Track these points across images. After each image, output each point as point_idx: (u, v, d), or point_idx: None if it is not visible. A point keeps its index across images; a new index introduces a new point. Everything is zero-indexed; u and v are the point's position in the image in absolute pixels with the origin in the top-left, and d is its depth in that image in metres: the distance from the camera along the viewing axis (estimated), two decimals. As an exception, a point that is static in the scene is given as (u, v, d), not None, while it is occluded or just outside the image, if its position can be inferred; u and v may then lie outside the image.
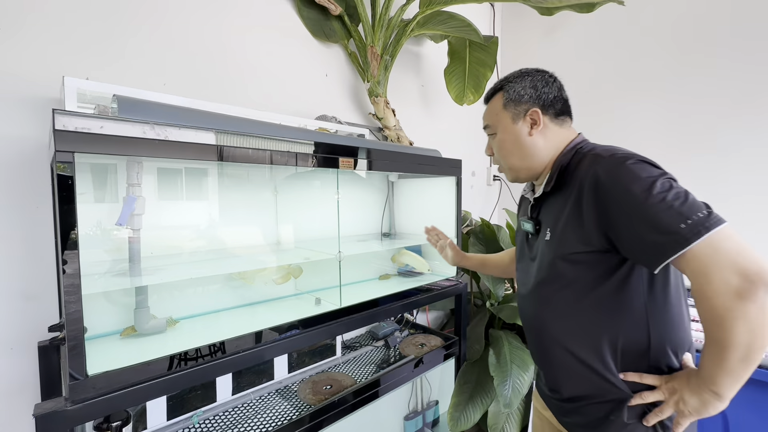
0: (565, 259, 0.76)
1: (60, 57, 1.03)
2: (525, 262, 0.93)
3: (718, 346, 0.62)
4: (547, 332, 0.84)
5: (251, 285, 1.22)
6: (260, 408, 1.16)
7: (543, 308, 0.84)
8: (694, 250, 0.61)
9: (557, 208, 0.80)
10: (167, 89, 1.20)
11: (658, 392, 0.72)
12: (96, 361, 0.77)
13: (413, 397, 1.67)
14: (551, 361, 0.85)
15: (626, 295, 0.73)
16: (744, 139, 1.75)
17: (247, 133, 0.92)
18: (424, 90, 2.15)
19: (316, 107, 1.62)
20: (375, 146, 1.22)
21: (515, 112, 0.87)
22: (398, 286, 1.49)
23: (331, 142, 1.09)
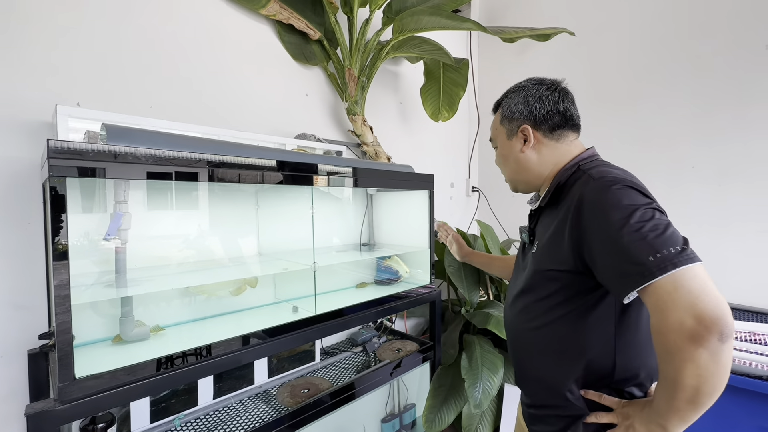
0: (542, 274, 0.78)
1: (52, 82, 1.12)
2: (517, 271, 0.96)
3: (668, 383, 0.61)
4: (521, 341, 0.88)
5: (213, 297, 1.29)
6: (240, 411, 1.23)
7: (519, 317, 0.87)
8: (656, 284, 0.59)
9: (548, 223, 0.81)
10: (153, 112, 1.29)
11: (613, 415, 0.73)
12: (83, 365, 0.84)
13: (390, 400, 1.74)
14: (522, 368, 0.90)
15: (596, 318, 0.74)
16: (695, 151, 1.89)
17: (228, 156, 1.00)
18: (403, 107, 2.27)
19: (297, 125, 1.72)
20: (348, 164, 1.31)
21: (509, 128, 0.90)
22: (373, 293, 1.58)
23: (306, 162, 1.18)
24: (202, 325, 1.24)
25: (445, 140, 2.59)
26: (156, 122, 1.16)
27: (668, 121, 1.97)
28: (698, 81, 1.87)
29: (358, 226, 1.89)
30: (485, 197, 2.73)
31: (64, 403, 0.76)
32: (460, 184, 2.71)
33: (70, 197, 1.03)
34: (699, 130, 1.88)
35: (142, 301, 1.15)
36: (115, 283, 1.08)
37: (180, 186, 1.25)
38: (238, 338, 1.07)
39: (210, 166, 0.97)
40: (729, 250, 1.79)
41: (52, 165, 0.74)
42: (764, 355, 1.27)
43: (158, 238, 1.23)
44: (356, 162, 1.46)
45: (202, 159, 0.96)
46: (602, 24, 2.17)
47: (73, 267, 0.92)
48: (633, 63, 2.07)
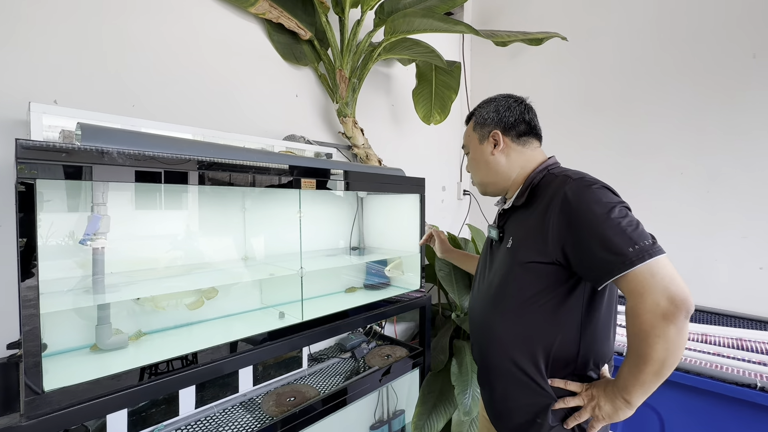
0: (522, 266, 0.84)
1: (27, 79, 1.07)
2: (485, 267, 1.01)
3: (638, 359, 0.71)
4: (491, 334, 0.91)
5: (163, 311, 1.20)
6: (223, 421, 1.19)
7: (492, 310, 0.91)
8: (636, 272, 0.69)
9: (523, 220, 0.88)
10: (136, 112, 1.24)
11: (579, 398, 0.82)
12: (54, 376, 0.80)
13: (379, 407, 1.71)
14: (490, 362, 0.92)
15: (566, 309, 0.81)
16: (683, 157, 1.90)
17: (212, 158, 0.97)
18: (394, 109, 2.25)
19: (287, 127, 1.68)
20: (337, 167, 1.29)
21: (481, 133, 0.99)
22: (363, 298, 1.55)
23: (292, 164, 1.15)
24: (184, 331, 1.19)
25: (437, 143, 2.57)
26: (138, 122, 1.12)
27: (657, 127, 1.98)
28: (687, 88, 1.89)
29: (347, 230, 1.86)
30: (476, 201, 2.72)
31: (30, 419, 0.72)
32: (451, 187, 2.70)
33: (46, 198, 0.99)
34: (688, 137, 1.89)
35: (123, 306, 1.11)
36: (92, 288, 1.04)
37: (162, 189, 1.20)
38: (222, 346, 1.03)
39: (192, 168, 0.94)
40: (716, 256, 1.81)
41: (21, 165, 0.70)
42: (752, 362, 1.27)
43: (138, 242, 1.19)
44: (346, 165, 1.43)
45: (183, 160, 0.92)
46: (593, 29, 2.18)
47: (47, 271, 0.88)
48: (623, 69, 2.08)
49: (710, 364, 1.28)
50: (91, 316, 1.02)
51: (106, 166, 0.80)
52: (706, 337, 1.50)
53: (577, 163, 1.20)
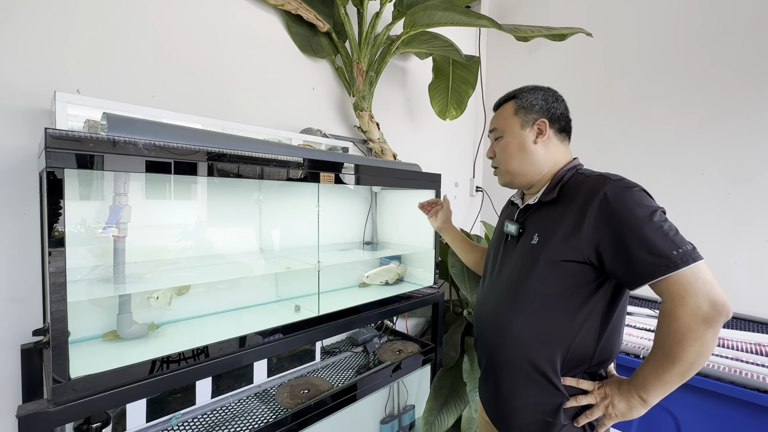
0: (549, 264, 0.82)
1: (51, 69, 1.07)
2: (496, 261, 0.98)
3: (666, 360, 0.71)
4: (505, 331, 0.88)
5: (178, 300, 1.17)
6: (238, 411, 1.20)
7: (508, 307, 0.88)
8: (679, 275, 0.69)
9: (551, 217, 0.85)
10: (156, 102, 1.24)
11: (591, 396, 0.81)
12: (79, 364, 0.81)
13: (390, 402, 1.72)
14: (500, 359, 0.90)
15: (588, 309, 0.81)
16: (705, 157, 1.86)
17: (234, 150, 0.97)
18: (410, 104, 2.23)
19: (303, 120, 1.67)
20: (356, 162, 1.28)
21: (525, 119, 0.93)
22: (377, 293, 1.55)
23: (312, 158, 1.14)
24: (200, 322, 1.21)
25: (450, 139, 2.55)
26: (158, 112, 1.12)
27: (676, 126, 1.94)
28: (709, 86, 1.84)
29: (361, 224, 1.85)
30: (489, 197, 2.70)
31: (58, 405, 0.73)
32: (464, 183, 2.68)
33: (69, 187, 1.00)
34: (709, 137, 1.85)
35: (140, 297, 1.12)
36: (114, 278, 1.05)
37: (181, 179, 1.21)
38: (241, 338, 1.04)
39: (214, 160, 0.93)
40: (736, 259, 1.77)
41: (50, 154, 0.71)
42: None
43: (157, 233, 1.19)
44: (364, 159, 1.42)
45: (205, 152, 0.92)
46: (615, 25, 2.13)
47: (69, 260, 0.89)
48: (642, 66, 2.04)
49: (729, 369, 1.26)
50: (109, 305, 1.04)
51: (133, 156, 0.80)
52: (725, 342, 1.48)
53: (592, 161, 1.18)
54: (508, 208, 1.09)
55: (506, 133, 0.96)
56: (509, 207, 1.07)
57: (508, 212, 1.06)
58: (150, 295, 0.99)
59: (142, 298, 1.09)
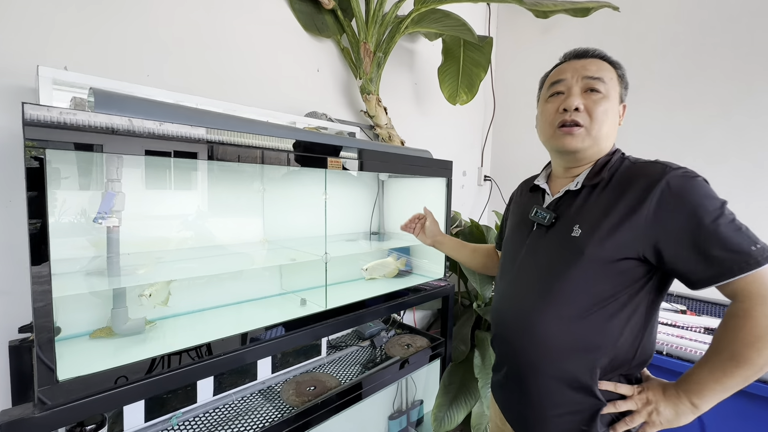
0: (594, 260, 0.72)
1: (37, 45, 0.99)
2: (518, 253, 0.87)
3: (733, 362, 0.64)
4: (538, 335, 0.78)
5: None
6: (242, 409, 1.14)
7: (541, 308, 0.78)
8: (760, 272, 0.63)
9: (598, 207, 0.75)
10: (150, 81, 1.16)
11: (631, 402, 0.74)
12: (69, 363, 0.75)
13: (398, 397, 1.67)
14: (529, 364, 0.81)
15: (632, 308, 0.73)
16: (730, 141, 1.77)
17: (232, 131, 0.89)
18: (417, 88, 2.13)
19: (307, 103, 1.59)
20: (365, 146, 1.20)
21: (622, 94, 0.82)
22: (385, 286, 1.48)
23: (320, 142, 1.06)
24: (201, 317, 1.14)
25: (459, 126, 2.46)
26: (153, 92, 1.03)
27: (699, 110, 1.84)
28: (734, 69, 1.74)
29: (367, 214, 1.78)
30: (498, 187, 2.62)
31: (45, 410, 0.67)
32: (472, 172, 2.59)
33: (55, 171, 0.92)
34: (733, 122, 1.76)
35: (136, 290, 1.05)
36: (107, 270, 0.98)
37: (178, 164, 1.13)
38: (242, 335, 0.97)
39: (214, 142, 0.85)
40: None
41: (29, 134, 0.63)
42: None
43: (154, 222, 1.12)
44: (375, 145, 1.34)
45: (204, 134, 0.84)
46: (637, 5, 2.02)
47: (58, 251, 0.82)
48: (664, 48, 1.93)
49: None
50: (102, 300, 0.97)
51: (122, 137, 0.72)
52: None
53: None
54: (525, 194, 0.97)
55: (610, 96, 0.79)
56: (529, 192, 0.95)
57: (530, 198, 0.94)
58: (141, 292, 0.89)
59: (137, 292, 1.02)
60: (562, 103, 0.79)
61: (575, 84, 0.79)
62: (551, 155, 0.90)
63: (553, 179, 0.90)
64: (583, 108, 0.77)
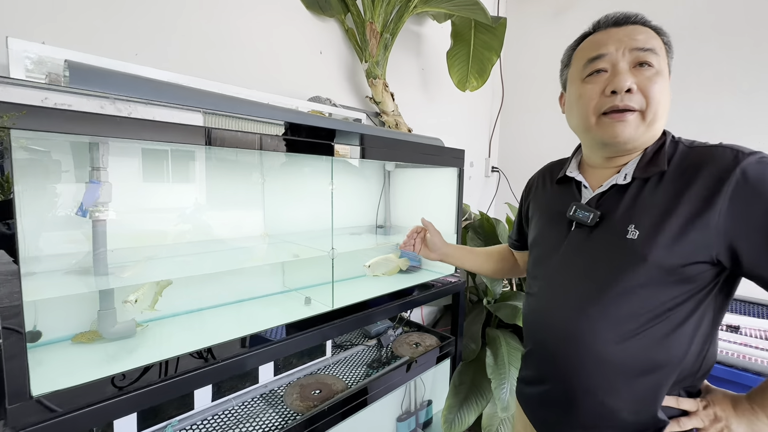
0: (662, 267, 0.62)
1: (8, 16, 0.88)
2: (561, 259, 0.75)
3: None
4: (594, 356, 0.67)
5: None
6: (243, 416, 1.07)
7: (599, 324, 0.67)
8: None
9: (657, 203, 0.64)
10: (140, 60, 1.05)
11: (696, 418, 0.65)
12: (48, 373, 0.66)
13: (406, 397, 1.59)
14: (584, 390, 0.70)
15: (698, 318, 0.63)
16: (760, 131, 1.68)
17: (228, 113, 0.79)
18: (424, 74, 2.03)
19: (309, 88, 1.48)
20: (374, 133, 1.10)
21: (670, 66, 0.70)
22: (394, 283, 1.39)
23: (327, 127, 0.97)
24: (198, 318, 1.05)
25: (466, 115, 2.35)
26: (142, 70, 0.93)
27: (726, 95, 1.75)
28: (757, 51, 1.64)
29: (371, 207, 1.69)
30: (506, 178, 2.53)
31: (16, 430, 0.58)
32: (479, 163, 2.50)
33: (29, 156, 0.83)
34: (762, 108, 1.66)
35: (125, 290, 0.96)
36: (94, 268, 0.89)
37: (171, 151, 1.03)
38: (244, 338, 0.89)
39: (209, 126, 0.76)
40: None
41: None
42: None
43: (144, 215, 1.03)
44: (384, 131, 1.24)
45: (199, 116, 0.74)
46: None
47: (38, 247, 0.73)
48: (694, 30, 1.83)
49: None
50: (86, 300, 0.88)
51: (107, 118, 0.63)
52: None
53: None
54: (551, 185, 0.85)
55: (663, 71, 0.66)
56: (556, 185, 0.83)
57: (560, 191, 0.82)
58: (125, 298, 0.78)
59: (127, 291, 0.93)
60: (609, 84, 0.66)
61: (621, 58, 0.66)
62: (588, 145, 0.77)
63: (588, 169, 0.79)
64: (636, 88, 0.65)
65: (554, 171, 0.88)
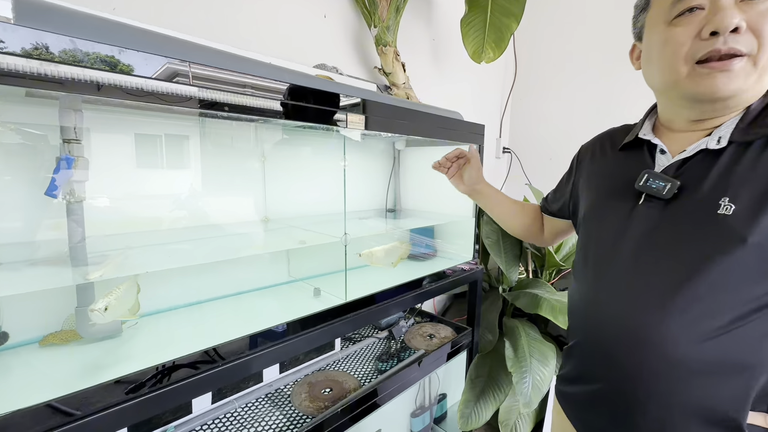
0: (761, 250, 0.51)
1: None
2: (628, 238, 0.63)
3: None
4: (669, 353, 0.57)
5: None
6: (247, 420, 0.96)
7: (678, 316, 0.56)
8: None
9: (760, 173, 0.53)
10: (117, 14, 0.90)
11: None
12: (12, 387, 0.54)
13: (420, 392, 1.50)
14: (651, 392, 0.59)
15: None
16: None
17: (223, 69, 0.65)
18: (435, 44, 1.87)
19: (312, 55, 1.33)
20: (393, 102, 0.97)
21: None
22: (409, 271, 1.28)
23: (340, 93, 0.83)
24: (192, 312, 0.94)
25: (476, 91, 2.20)
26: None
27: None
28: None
29: (381, 189, 1.56)
30: (518, 159, 2.39)
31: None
32: (489, 143, 2.36)
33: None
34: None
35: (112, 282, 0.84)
36: (70, 258, 0.76)
37: (155, 118, 0.89)
38: (248, 338, 0.77)
39: (198, 79, 0.62)
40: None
41: None
42: None
43: (128, 198, 0.90)
44: (402, 102, 1.10)
45: (186, 70, 0.61)
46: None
47: None
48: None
49: None
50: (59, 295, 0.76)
51: (63, 68, 0.49)
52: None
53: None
54: (612, 152, 0.73)
55: None
56: (619, 151, 0.71)
57: (625, 158, 0.70)
58: (92, 306, 0.62)
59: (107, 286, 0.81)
60: (708, 23, 0.52)
61: None
62: (673, 103, 0.63)
63: (665, 133, 0.66)
64: (746, 26, 0.51)
65: (617, 136, 0.76)
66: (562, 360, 0.80)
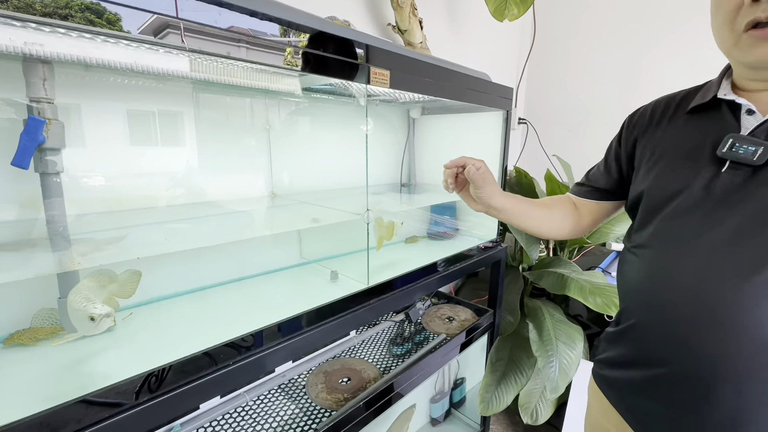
0: None
1: None
2: (707, 212, 0.56)
3: None
4: (752, 331, 0.50)
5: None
6: (259, 415, 0.88)
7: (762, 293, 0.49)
8: None
9: None
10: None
11: None
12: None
13: (440, 377, 1.43)
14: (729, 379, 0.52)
15: None
16: None
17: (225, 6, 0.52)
18: (451, 3, 1.69)
19: (319, 7, 1.17)
20: (420, 57, 0.83)
21: None
22: (430, 251, 1.18)
23: (360, 41, 0.70)
24: (195, 300, 0.83)
25: (491, 56, 2.03)
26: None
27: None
28: None
29: (395, 162, 1.43)
30: (534, 130, 2.25)
31: None
32: (505, 114, 2.21)
33: None
34: None
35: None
36: (49, 240, 0.65)
37: (143, 78, 0.76)
38: (260, 332, 0.67)
39: (187, 26, 0.49)
40: None
41: None
42: None
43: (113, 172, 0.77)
44: (430, 58, 0.96)
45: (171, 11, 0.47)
46: None
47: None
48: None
49: None
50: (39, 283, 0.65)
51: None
52: None
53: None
54: (677, 115, 0.64)
55: None
56: (696, 116, 0.62)
57: (698, 122, 0.61)
58: (91, 312, 0.51)
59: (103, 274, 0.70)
60: None
61: None
62: (738, 68, 0.57)
63: (746, 92, 0.56)
64: None
65: (684, 99, 0.64)
66: (602, 343, 0.73)
